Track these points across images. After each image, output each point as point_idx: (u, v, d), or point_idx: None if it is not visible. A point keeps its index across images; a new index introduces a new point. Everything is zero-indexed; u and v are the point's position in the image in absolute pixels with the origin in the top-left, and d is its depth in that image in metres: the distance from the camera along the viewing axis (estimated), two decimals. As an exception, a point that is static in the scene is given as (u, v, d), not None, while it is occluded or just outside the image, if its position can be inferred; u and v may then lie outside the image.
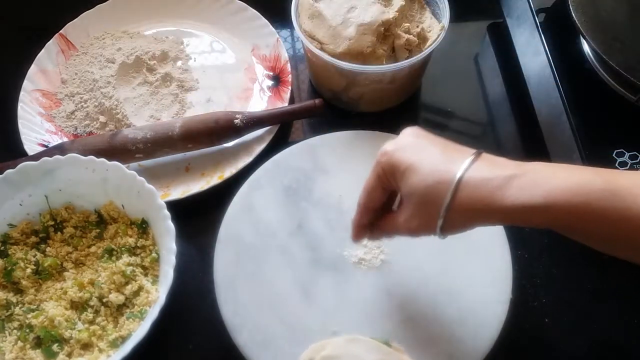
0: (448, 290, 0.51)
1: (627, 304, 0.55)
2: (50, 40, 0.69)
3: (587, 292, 0.55)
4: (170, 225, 0.48)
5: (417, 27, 0.59)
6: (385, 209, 0.44)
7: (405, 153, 0.39)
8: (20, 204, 0.53)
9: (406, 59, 0.58)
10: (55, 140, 0.63)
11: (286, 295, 0.51)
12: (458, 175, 0.35)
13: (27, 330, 0.48)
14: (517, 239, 0.54)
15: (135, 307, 0.49)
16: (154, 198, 0.49)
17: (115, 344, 0.47)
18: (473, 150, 0.38)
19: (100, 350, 0.47)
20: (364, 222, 0.44)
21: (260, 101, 0.67)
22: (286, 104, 0.64)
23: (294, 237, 0.54)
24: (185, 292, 0.55)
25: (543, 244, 0.58)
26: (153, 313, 0.45)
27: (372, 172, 0.42)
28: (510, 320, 0.49)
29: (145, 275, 0.51)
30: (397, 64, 0.57)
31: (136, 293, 0.49)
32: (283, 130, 0.64)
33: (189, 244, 0.57)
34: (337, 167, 0.58)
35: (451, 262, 0.52)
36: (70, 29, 0.70)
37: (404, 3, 0.58)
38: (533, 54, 0.62)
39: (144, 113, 0.66)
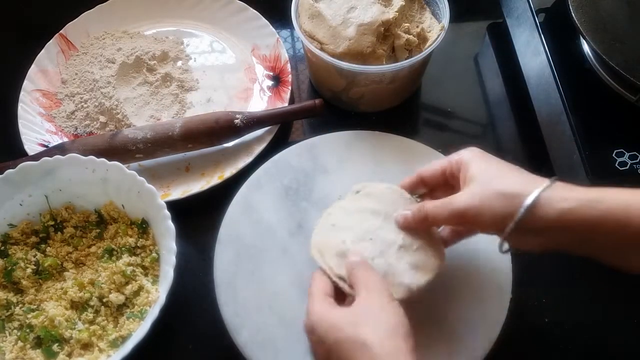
0: (448, 289, 0.51)
1: (627, 304, 0.55)
2: (51, 40, 0.69)
3: (587, 292, 0.55)
4: (171, 225, 0.48)
5: (417, 27, 0.59)
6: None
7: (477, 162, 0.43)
8: (21, 204, 0.53)
9: (406, 59, 0.58)
10: (55, 140, 0.63)
11: (286, 295, 0.51)
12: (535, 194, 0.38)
13: (28, 330, 0.48)
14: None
15: (136, 307, 0.49)
16: (154, 198, 0.49)
17: (115, 344, 0.47)
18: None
19: (101, 350, 0.47)
20: (409, 184, 0.49)
21: (260, 101, 0.67)
22: (286, 104, 0.64)
23: (293, 237, 0.54)
24: (185, 292, 0.55)
25: (543, 244, 0.58)
26: (153, 313, 0.45)
27: (445, 158, 0.46)
28: (510, 320, 0.49)
29: (146, 275, 0.51)
30: (397, 64, 0.57)
31: (136, 293, 0.49)
32: (283, 130, 0.64)
33: (189, 244, 0.57)
34: (337, 167, 0.58)
35: (451, 262, 0.52)
36: (71, 29, 0.70)
37: (404, 3, 0.58)
38: (533, 54, 0.62)
39: (144, 113, 0.66)
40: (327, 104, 0.63)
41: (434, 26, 0.60)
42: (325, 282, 0.44)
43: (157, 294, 0.49)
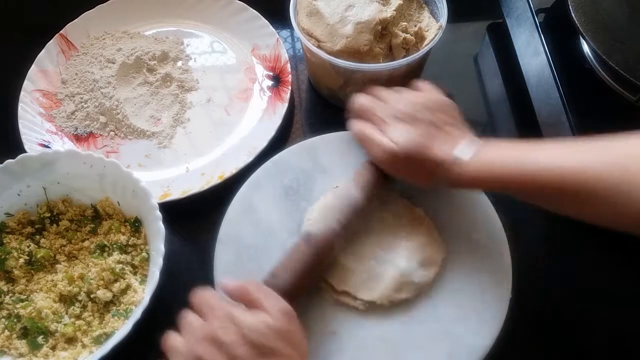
0: (448, 289, 0.51)
1: (627, 304, 0.55)
2: (51, 41, 0.69)
3: (587, 292, 0.55)
4: (161, 227, 0.48)
5: (415, 26, 0.59)
6: None
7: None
8: (19, 194, 0.53)
9: (403, 57, 0.58)
10: (55, 140, 0.63)
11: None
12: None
13: (15, 320, 0.49)
14: (517, 239, 0.54)
15: (122, 305, 0.49)
16: (148, 198, 0.49)
17: (99, 341, 0.47)
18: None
19: (84, 346, 0.48)
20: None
21: (260, 101, 0.67)
22: (286, 104, 0.64)
23: (294, 237, 0.54)
24: (185, 292, 0.55)
25: (543, 244, 0.58)
26: (136, 314, 0.45)
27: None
28: (510, 320, 0.49)
29: (135, 274, 0.51)
30: (393, 62, 0.57)
31: (124, 291, 0.50)
32: (283, 130, 0.64)
33: (188, 244, 0.57)
34: (337, 167, 0.58)
35: (451, 262, 0.52)
36: (71, 29, 0.70)
37: (401, 2, 0.58)
38: (533, 54, 0.62)
39: (144, 113, 0.66)
40: (325, 102, 0.63)
41: (432, 25, 0.60)
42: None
43: (143, 295, 0.49)
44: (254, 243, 0.54)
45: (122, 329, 0.45)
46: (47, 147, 0.62)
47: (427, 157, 0.47)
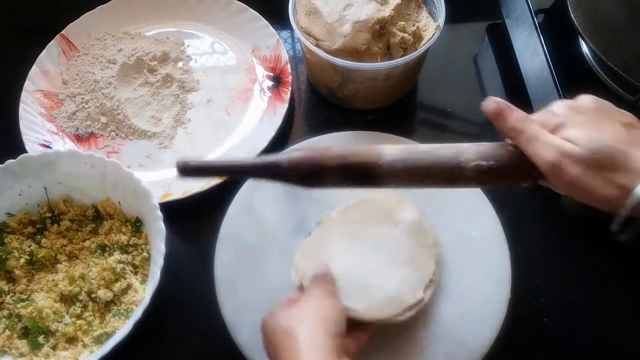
0: (448, 290, 0.51)
1: (627, 304, 0.55)
2: (52, 41, 0.69)
3: (587, 292, 0.55)
4: (162, 227, 0.48)
5: (413, 25, 0.60)
6: None
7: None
8: (20, 194, 0.53)
9: (401, 57, 0.58)
10: (56, 141, 0.63)
11: (286, 295, 0.51)
12: None
13: (16, 320, 0.49)
14: (517, 239, 0.54)
15: (122, 304, 0.49)
16: (149, 198, 0.50)
17: (99, 340, 0.48)
18: None
19: (85, 346, 0.48)
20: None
21: (260, 102, 0.67)
22: (286, 105, 0.64)
23: (293, 237, 0.54)
24: (185, 292, 0.55)
25: (543, 244, 0.58)
26: (137, 313, 0.45)
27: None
28: (509, 320, 0.49)
29: (135, 273, 0.51)
30: (391, 61, 0.57)
31: (124, 291, 0.50)
32: (283, 130, 0.64)
33: (189, 244, 0.57)
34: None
35: (451, 262, 0.52)
36: (72, 29, 0.71)
37: (400, 1, 0.59)
38: (532, 55, 0.62)
39: (145, 114, 0.66)
40: (325, 102, 0.63)
41: (430, 25, 0.60)
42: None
43: (143, 294, 0.49)
44: (254, 243, 0.54)
45: (122, 328, 0.45)
46: (48, 147, 0.62)
47: (622, 168, 0.34)
